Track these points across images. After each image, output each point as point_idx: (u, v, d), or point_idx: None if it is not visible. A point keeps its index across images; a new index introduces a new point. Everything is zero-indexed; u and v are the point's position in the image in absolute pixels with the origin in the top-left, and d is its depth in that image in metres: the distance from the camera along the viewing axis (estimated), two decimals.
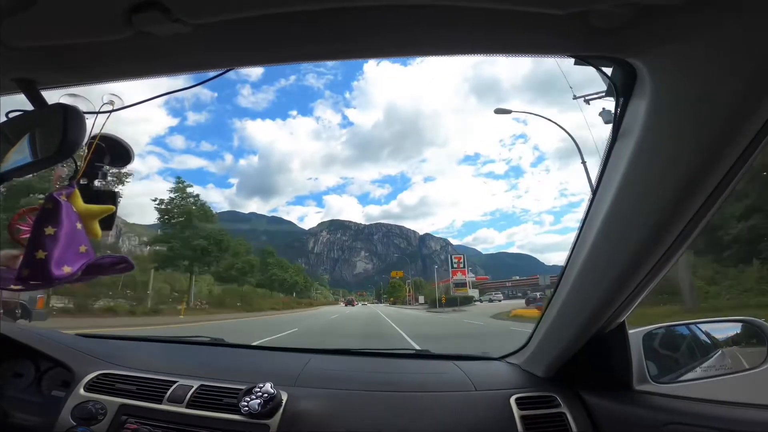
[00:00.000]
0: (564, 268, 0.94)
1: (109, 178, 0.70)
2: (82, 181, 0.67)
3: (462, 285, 41.76)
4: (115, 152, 0.69)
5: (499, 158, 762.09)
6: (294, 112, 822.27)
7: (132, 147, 0.71)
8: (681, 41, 0.50)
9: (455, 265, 44.80)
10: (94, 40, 0.49)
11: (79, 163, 0.65)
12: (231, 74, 0.63)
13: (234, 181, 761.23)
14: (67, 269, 0.55)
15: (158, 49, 0.54)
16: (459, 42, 0.55)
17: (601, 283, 0.84)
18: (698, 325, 1.18)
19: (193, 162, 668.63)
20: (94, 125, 0.64)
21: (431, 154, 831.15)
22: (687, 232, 0.67)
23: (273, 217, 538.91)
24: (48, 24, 0.47)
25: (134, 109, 0.69)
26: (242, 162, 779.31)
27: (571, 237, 0.89)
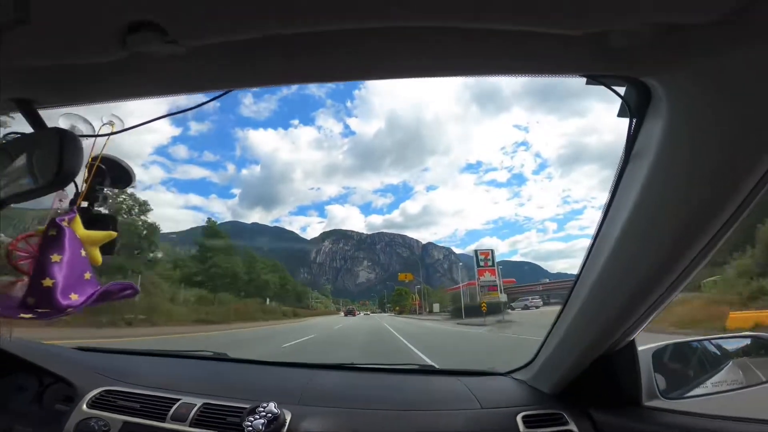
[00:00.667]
0: (574, 284, 0.92)
1: (110, 202, 0.70)
2: (82, 205, 0.67)
3: (492, 287, 32.93)
4: (115, 174, 0.69)
5: (501, 166, 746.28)
6: (296, 122, 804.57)
7: (132, 169, 0.71)
8: (702, 61, 0.48)
9: (482, 263, 34.84)
10: (89, 61, 0.49)
11: (79, 186, 0.65)
12: None
13: (236, 191, 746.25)
14: (74, 297, 0.55)
15: (154, 70, 0.54)
16: (471, 64, 0.54)
17: (612, 301, 0.82)
18: (707, 341, 1.16)
19: (196, 172, 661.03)
20: (94, 146, 0.64)
21: (433, 163, 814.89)
22: (704, 252, 0.64)
23: (275, 227, 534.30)
24: (43, 43, 0.46)
25: (137, 117, 0.69)
26: (245, 172, 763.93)
27: (575, 244, 0.87)
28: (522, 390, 1.22)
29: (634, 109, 0.61)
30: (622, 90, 0.61)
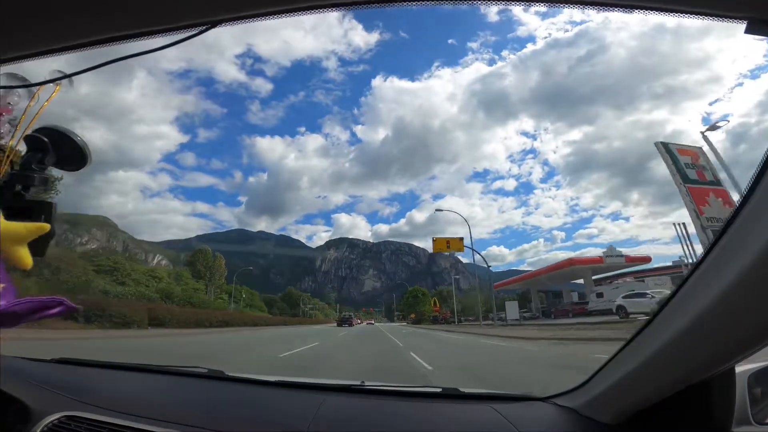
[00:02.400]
0: (673, 294, 0.71)
1: (48, 186, 0.52)
2: (16, 187, 0.50)
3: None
4: (62, 150, 0.52)
5: (508, 174, 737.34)
6: (302, 129, 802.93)
7: (87, 145, 0.54)
8: None
9: (688, 171, 16.40)
10: None
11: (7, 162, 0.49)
12: (240, 90, 0.45)
13: (243, 199, 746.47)
14: None
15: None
16: None
17: (745, 324, 0.60)
18: None
19: (204, 180, 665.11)
20: (27, 109, 0.48)
21: (440, 171, 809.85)
22: None
23: (281, 236, 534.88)
24: None
25: (146, 125, 0.50)
26: (251, 180, 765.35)
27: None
28: (573, 420, 1.01)
29: None
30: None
